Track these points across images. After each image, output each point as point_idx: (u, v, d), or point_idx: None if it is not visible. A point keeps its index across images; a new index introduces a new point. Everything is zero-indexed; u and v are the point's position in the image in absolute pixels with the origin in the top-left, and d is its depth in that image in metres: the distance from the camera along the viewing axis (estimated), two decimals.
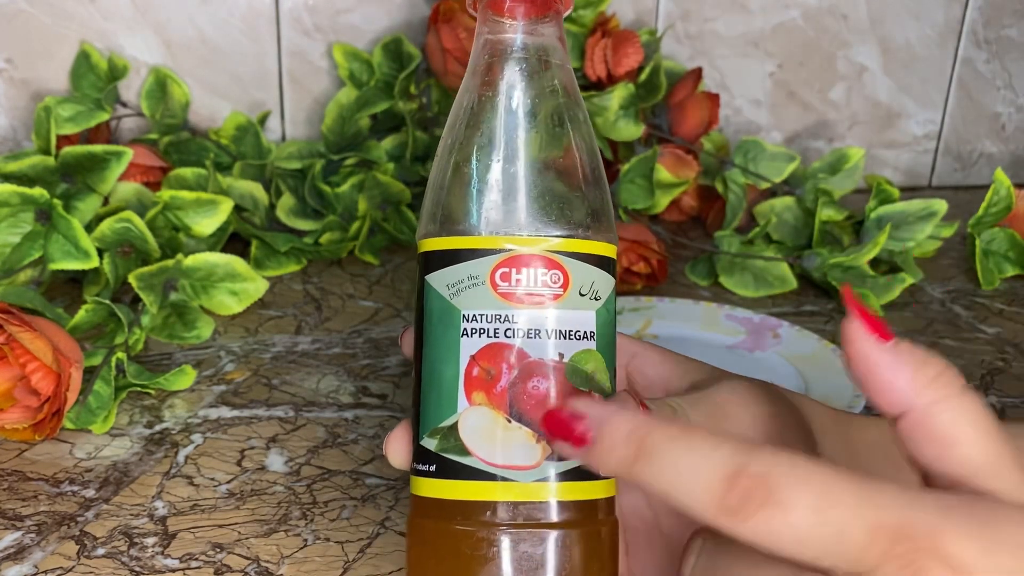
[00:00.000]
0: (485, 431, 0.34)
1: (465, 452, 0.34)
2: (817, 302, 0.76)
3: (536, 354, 0.34)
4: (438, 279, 0.35)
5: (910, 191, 1.05)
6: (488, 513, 0.34)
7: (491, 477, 0.34)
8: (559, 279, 0.34)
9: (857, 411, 0.55)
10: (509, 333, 0.34)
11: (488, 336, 0.34)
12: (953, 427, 0.28)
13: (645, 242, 0.74)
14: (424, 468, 0.35)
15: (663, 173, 0.81)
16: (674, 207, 0.90)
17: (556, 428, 0.29)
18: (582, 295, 0.35)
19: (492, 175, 0.35)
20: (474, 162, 0.36)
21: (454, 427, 0.34)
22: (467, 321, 0.34)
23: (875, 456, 0.39)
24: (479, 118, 0.36)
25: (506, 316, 0.34)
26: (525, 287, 0.34)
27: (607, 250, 0.36)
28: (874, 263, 0.79)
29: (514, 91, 0.36)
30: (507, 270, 0.34)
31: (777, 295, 0.77)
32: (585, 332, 0.35)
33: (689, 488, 0.26)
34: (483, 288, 0.34)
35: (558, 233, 0.35)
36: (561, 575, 0.34)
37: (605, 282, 0.36)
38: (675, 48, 0.97)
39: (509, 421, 0.34)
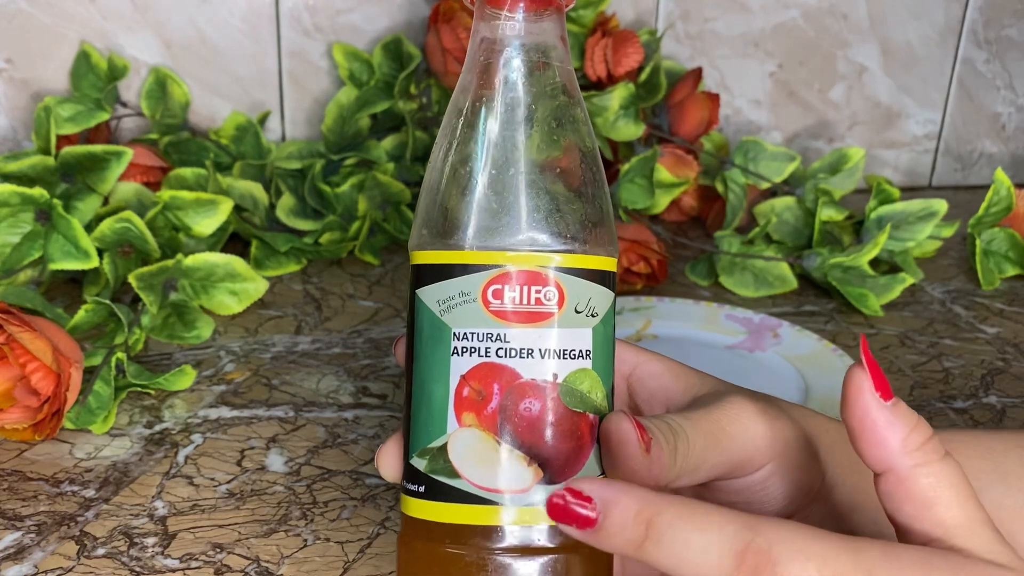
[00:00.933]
0: (475, 454, 0.33)
1: (454, 474, 0.33)
2: (817, 302, 0.76)
3: (529, 374, 0.33)
4: (429, 294, 0.34)
5: (910, 191, 1.05)
6: (479, 537, 0.32)
7: (481, 501, 0.32)
8: (554, 296, 0.33)
9: None
10: (501, 352, 0.33)
11: (479, 355, 0.33)
12: (933, 489, 0.30)
13: (645, 242, 0.74)
14: (413, 488, 0.34)
15: (663, 173, 0.81)
16: (674, 207, 0.90)
17: (560, 513, 0.30)
18: (578, 312, 0.33)
19: (486, 186, 0.33)
20: (467, 170, 0.34)
21: (443, 448, 0.33)
22: (458, 339, 0.33)
23: None
24: (474, 123, 0.34)
25: (498, 335, 0.33)
26: (518, 305, 0.33)
27: (606, 264, 0.34)
28: (874, 263, 0.79)
29: (511, 94, 0.34)
30: (500, 287, 0.33)
31: (777, 295, 0.77)
32: (581, 351, 0.33)
33: (699, 566, 0.28)
34: (475, 305, 0.33)
35: (554, 248, 0.33)
36: None
37: (603, 297, 0.34)
38: (675, 48, 0.97)
39: (500, 444, 0.33)
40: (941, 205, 0.79)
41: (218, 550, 0.46)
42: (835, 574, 0.28)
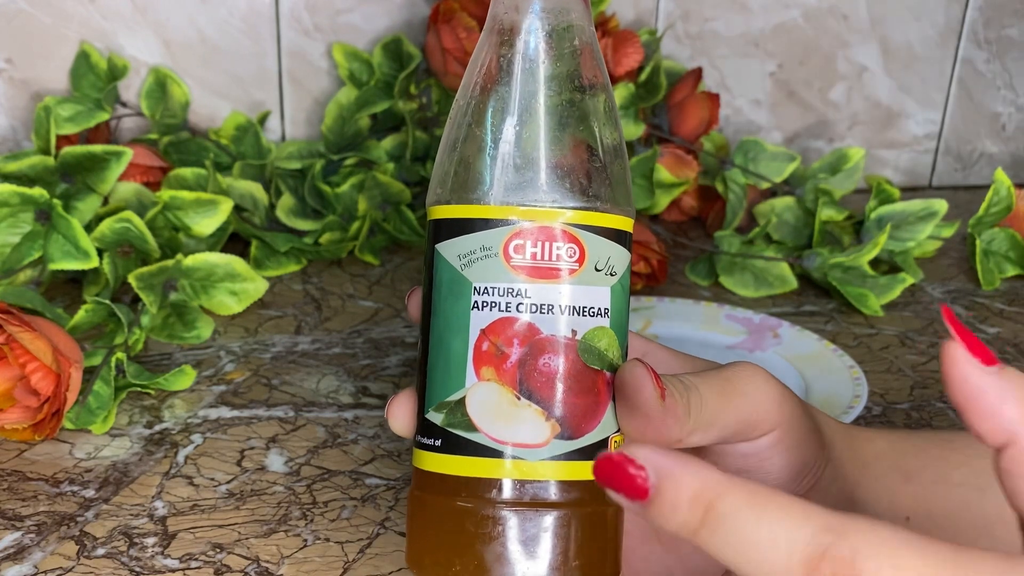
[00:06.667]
0: (493, 407, 0.33)
1: (472, 428, 0.33)
2: (817, 302, 0.76)
3: (548, 330, 0.33)
4: (449, 248, 0.34)
5: (910, 191, 1.05)
6: (493, 490, 0.33)
7: (498, 454, 0.33)
8: (575, 253, 0.33)
9: (856, 412, 0.55)
10: (521, 308, 0.33)
11: (499, 310, 0.33)
12: None
13: (645, 242, 0.74)
14: (428, 442, 0.34)
15: (663, 173, 0.81)
16: (674, 207, 0.90)
17: (609, 476, 0.25)
18: (598, 270, 0.34)
19: (507, 142, 0.34)
20: (488, 127, 0.34)
21: (461, 402, 0.33)
22: (478, 294, 0.33)
23: (883, 468, 0.38)
24: (494, 80, 0.34)
25: (519, 290, 0.33)
26: (540, 260, 0.33)
27: (624, 224, 0.35)
28: (874, 263, 0.79)
29: (531, 52, 0.34)
30: (521, 242, 0.33)
31: (777, 295, 0.77)
32: (599, 309, 0.34)
33: (762, 563, 0.23)
34: (496, 260, 0.33)
35: (575, 205, 0.34)
36: (566, 555, 0.33)
37: (621, 257, 0.35)
38: (675, 48, 0.97)
39: (518, 398, 0.33)
40: (941, 205, 0.79)
41: (218, 550, 0.46)
42: None
